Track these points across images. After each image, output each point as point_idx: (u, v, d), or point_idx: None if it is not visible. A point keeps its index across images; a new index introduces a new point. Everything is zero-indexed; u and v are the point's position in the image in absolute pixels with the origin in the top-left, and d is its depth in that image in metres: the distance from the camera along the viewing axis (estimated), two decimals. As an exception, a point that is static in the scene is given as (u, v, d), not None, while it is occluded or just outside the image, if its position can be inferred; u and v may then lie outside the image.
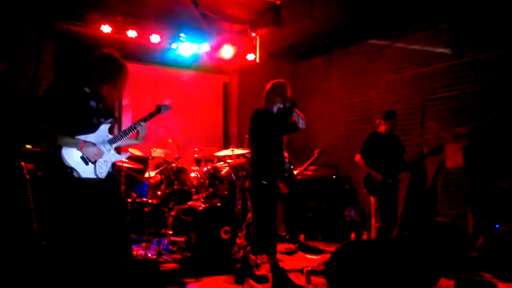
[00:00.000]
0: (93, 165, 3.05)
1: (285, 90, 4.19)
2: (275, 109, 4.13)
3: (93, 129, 3.10)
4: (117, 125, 3.33)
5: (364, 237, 6.24)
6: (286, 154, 6.19)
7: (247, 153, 5.44)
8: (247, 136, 4.39)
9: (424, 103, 6.52)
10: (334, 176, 7.43)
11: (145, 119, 3.30)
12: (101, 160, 3.08)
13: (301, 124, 4.20)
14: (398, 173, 5.23)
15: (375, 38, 7.33)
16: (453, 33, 6.20)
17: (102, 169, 3.10)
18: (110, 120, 3.22)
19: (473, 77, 5.91)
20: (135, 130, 3.26)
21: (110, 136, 3.18)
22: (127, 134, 3.25)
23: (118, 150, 3.27)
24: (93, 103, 3.13)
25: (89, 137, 3.06)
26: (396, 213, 5.34)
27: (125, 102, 3.45)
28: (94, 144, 3.04)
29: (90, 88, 3.14)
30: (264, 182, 4.07)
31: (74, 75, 3.17)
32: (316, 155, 6.38)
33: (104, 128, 3.15)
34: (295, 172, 6.31)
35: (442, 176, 6.11)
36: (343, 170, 7.51)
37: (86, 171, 3.01)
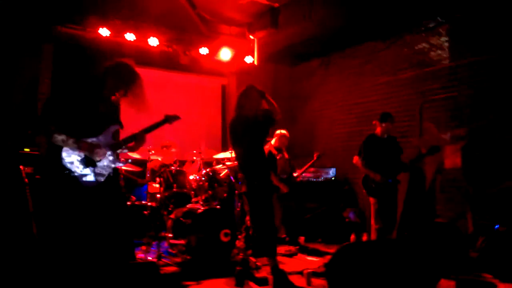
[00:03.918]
0: (92, 169, 3.04)
1: (256, 94, 4.23)
2: (250, 113, 4.17)
3: (98, 132, 3.11)
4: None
5: (364, 238, 6.24)
6: (286, 156, 6.22)
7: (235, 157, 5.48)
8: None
9: (422, 104, 6.54)
10: (333, 178, 7.44)
11: (150, 129, 3.32)
12: (100, 164, 3.07)
13: (276, 114, 4.21)
14: (396, 174, 5.24)
15: (373, 40, 7.35)
16: (451, 35, 6.23)
17: (101, 173, 3.09)
18: (117, 126, 3.23)
19: (471, 79, 5.93)
20: (135, 140, 3.27)
21: (114, 142, 3.18)
22: (129, 142, 3.25)
23: (118, 157, 3.27)
24: (102, 108, 3.16)
25: (93, 140, 3.07)
26: (396, 214, 5.34)
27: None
28: (97, 147, 3.04)
29: (102, 93, 3.16)
30: (258, 183, 4.09)
31: (88, 79, 3.20)
32: (315, 158, 6.38)
33: (109, 133, 3.16)
34: (294, 174, 6.32)
35: (441, 177, 6.13)
36: (342, 172, 7.51)
37: (84, 174, 3.01)
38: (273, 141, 6.24)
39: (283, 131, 6.24)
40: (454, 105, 6.11)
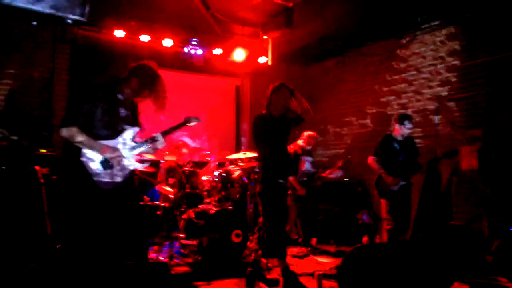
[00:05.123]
0: (111, 171, 3.06)
1: (287, 92, 4.18)
2: (277, 112, 4.13)
3: (117, 135, 3.14)
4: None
5: (377, 240, 6.17)
6: (310, 159, 6.19)
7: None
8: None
9: (438, 104, 6.44)
10: (347, 179, 7.37)
11: (170, 131, 3.34)
12: (118, 166, 3.10)
13: (305, 112, 4.16)
14: (411, 176, 5.17)
15: (388, 40, 7.27)
16: (466, 34, 6.12)
17: (120, 175, 3.12)
18: (136, 128, 3.25)
19: (486, 79, 5.82)
20: (155, 141, 3.28)
21: (132, 144, 3.21)
22: (148, 144, 3.27)
23: (136, 159, 3.28)
24: (122, 110, 3.19)
25: (112, 143, 3.10)
26: (409, 216, 5.27)
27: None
28: (116, 149, 3.07)
29: (123, 96, 3.20)
30: (272, 184, 4.06)
31: (111, 81, 3.24)
32: (340, 165, 6.32)
33: (128, 135, 3.19)
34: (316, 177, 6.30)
35: (456, 179, 6.02)
36: (356, 173, 7.44)
37: (103, 176, 3.04)
38: (300, 141, 6.21)
39: (311, 132, 6.21)
40: (469, 105, 6.00)
